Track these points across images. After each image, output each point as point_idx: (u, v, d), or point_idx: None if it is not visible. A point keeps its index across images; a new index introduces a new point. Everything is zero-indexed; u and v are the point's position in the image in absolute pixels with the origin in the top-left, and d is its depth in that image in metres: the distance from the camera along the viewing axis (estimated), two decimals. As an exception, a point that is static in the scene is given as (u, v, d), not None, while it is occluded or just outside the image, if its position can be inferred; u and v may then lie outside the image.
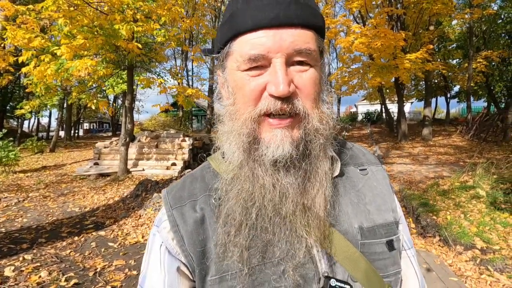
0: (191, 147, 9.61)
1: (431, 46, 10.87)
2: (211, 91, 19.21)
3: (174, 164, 9.10)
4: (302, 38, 0.50)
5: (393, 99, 20.21)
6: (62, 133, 22.74)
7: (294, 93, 0.50)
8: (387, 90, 18.36)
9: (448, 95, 20.80)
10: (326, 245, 0.53)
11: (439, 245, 3.85)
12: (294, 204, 0.52)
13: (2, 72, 8.59)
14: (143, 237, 4.33)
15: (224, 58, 0.56)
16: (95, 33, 6.48)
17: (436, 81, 18.91)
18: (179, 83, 11.10)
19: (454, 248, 3.64)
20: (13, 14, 6.66)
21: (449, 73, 17.38)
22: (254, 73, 0.51)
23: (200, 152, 9.61)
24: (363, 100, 25.72)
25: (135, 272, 3.30)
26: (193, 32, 18.72)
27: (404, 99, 14.93)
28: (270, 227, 0.52)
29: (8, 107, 21.32)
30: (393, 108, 19.51)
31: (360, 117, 29.58)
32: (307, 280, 0.51)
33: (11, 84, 16.77)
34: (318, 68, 0.54)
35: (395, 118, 16.68)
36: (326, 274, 0.52)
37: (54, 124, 25.44)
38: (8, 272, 3.17)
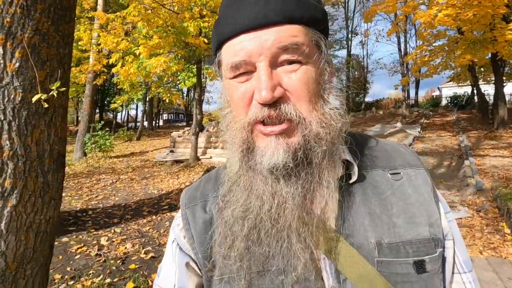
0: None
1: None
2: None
3: (238, 152, 9.50)
4: (286, 33, 0.46)
5: (488, 79, 16.95)
6: (146, 124, 25.99)
7: (283, 97, 0.46)
8: (482, 69, 15.46)
9: None
10: (334, 259, 0.48)
11: (545, 258, 3.14)
12: (293, 216, 0.47)
13: (98, 73, 10.18)
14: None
15: (218, 67, 0.54)
16: (168, 32, 7.08)
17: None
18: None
19: None
20: (105, 22, 7.75)
21: None
22: (241, 79, 0.48)
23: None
24: (449, 81, 22.22)
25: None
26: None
27: (504, 78, 12.38)
28: (265, 239, 0.49)
29: (105, 102, 25.37)
30: (488, 90, 16.38)
31: (444, 102, 25.74)
32: None
33: (107, 82, 19.73)
34: (313, 65, 0.48)
35: (490, 102, 14.00)
36: None
37: (140, 115, 29.16)
38: (103, 241, 3.82)
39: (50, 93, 1.56)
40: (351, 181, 0.52)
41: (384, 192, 0.52)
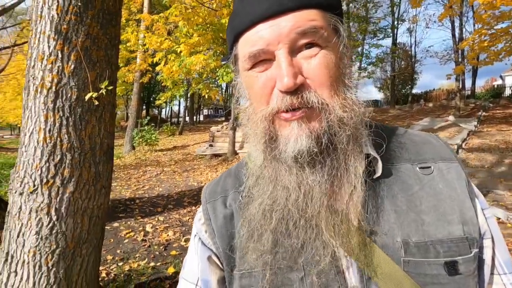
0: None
1: None
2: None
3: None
4: (303, 18, 0.45)
5: None
6: (187, 119, 27.23)
7: (304, 84, 0.45)
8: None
9: None
10: (357, 257, 0.46)
11: None
12: (320, 204, 0.46)
13: (144, 71, 10.88)
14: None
15: (234, 62, 0.54)
16: (207, 29, 7.30)
17: None
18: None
19: None
20: (150, 23, 8.23)
21: None
22: (260, 68, 0.48)
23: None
24: (514, 69, 19.64)
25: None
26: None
27: None
28: (294, 231, 0.48)
29: (151, 99, 27.07)
30: None
31: (508, 92, 22.85)
32: None
33: (152, 80, 21.00)
34: (332, 49, 0.47)
35: None
36: None
37: (182, 111, 30.62)
38: (148, 228, 4.13)
39: (100, 92, 1.72)
40: (375, 176, 0.50)
41: (412, 188, 0.49)
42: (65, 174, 1.70)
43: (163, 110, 36.03)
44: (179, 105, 33.88)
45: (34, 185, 1.66)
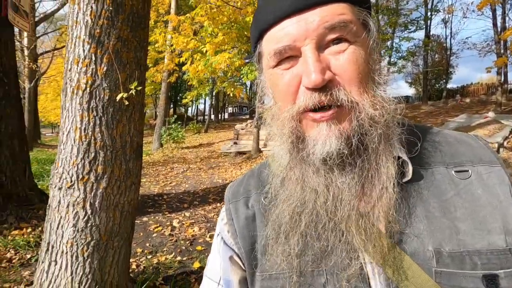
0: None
1: None
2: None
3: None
4: (332, 12, 0.43)
5: None
6: (212, 117, 27.75)
7: (332, 80, 0.43)
8: None
9: None
10: (384, 264, 0.43)
11: None
12: (350, 208, 0.44)
13: (172, 71, 11.21)
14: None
15: (258, 60, 0.53)
16: (231, 28, 7.36)
17: None
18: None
19: None
20: (177, 24, 8.45)
21: None
22: (286, 65, 0.46)
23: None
24: None
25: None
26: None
27: None
28: (323, 234, 0.46)
29: (178, 98, 27.89)
30: None
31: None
32: None
33: (179, 79, 21.60)
34: (361, 44, 0.45)
35: None
36: None
37: (207, 109, 31.26)
38: (175, 223, 4.27)
39: (130, 92, 1.79)
40: (404, 180, 0.46)
41: (446, 193, 0.46)
42: (99, 171, 1.79)
43: (189, 109, 37.03)
44: (205, 104, 34.65)
45: (71, 181, 1.77)
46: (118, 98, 1.78)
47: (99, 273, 1.85)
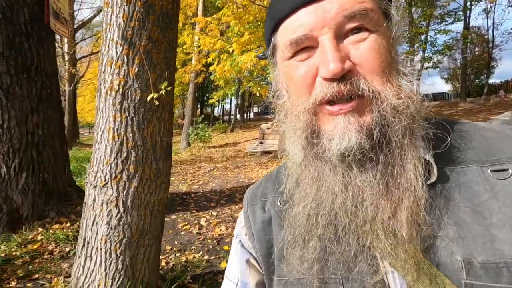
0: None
1: None
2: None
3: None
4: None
5: None
6: (238, 116, 28.01)
7: (352, 70, 0.40)
8: None
9: None
10: (407, 273, 0.39)
11: None
12: (373, 209, 0.41)
13: (199, 72, 11.43)
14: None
15: (272, 53, 0.50)
16: (257, 27, 7.34)
17: None
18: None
19: None
20: (204, 25, 8.59)
21: None
22: (302, 56, 0.44)
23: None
24: None
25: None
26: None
27: None
28: (344, 237, 0.43)
29: (205, 98, 28.47)
30: None
31: None
32: None
33: (206, 80, 22.04)
34: (382, 33, 0.42)
35: None
36: None
37: (233, 109, 31.62)
38: (202, 222, 4.32)
39: (160, 92, 1.81)
40: (429, 182, 0.42)
41: (480, 195, 0.40)
42: (130, 170, 1.83)
43: (216, 109, 37.68)
44: (231, 103, 35.08)
45: (105, 180, 1.82)
46: (148, 98, 1.80)
47: (131, 270, 1.89)
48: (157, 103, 1.82)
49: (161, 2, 1.78)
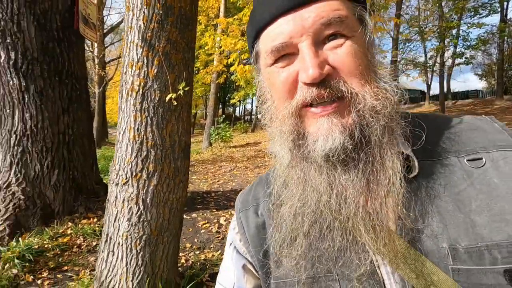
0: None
1: None
2: (394, 62, 16.97)
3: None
4: (327, 8, 0.43)
5: None
6: (259, 116, 28.06)
7: (330, 74, 0.43)
8: None
9: None
10: (398, 264, 0.41)
11: None
12: (355, 205, 0.43)
13: (220, 72, 11.57)
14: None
15: (255, 60, 0.53)
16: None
17: None
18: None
19: None
20: (225, 26, 8.68)
21: None
22: (283, 63, 0.46)
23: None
24: None
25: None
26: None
27: None
28: (329, 234, 0.45)
29: (226, 98, 28.81)
30: None
31: None
32: None
33: (227, 80, 22.29)
34: (357, 39, 0.45)
35: None
36: None
37: (254, 109, 31.75)
38: (222, 220, 4.36)
39: (178, 93, 1.84)
40: (412, 175, 0.44)
41: (459, 184, 0.43)
42: (150, 169, 1.88)
43: (237, 109, 38.01)
44: (252, 103, 35.21)
45: (126, 177, 1.88)
46: (167, 98, 1.84)
47: (150, 266, 1.94)
48: (175, 103, 1.85)
49: (180, 3, 1.81)
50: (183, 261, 3.04)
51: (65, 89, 3.70)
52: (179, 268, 2.62)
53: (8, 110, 3.36)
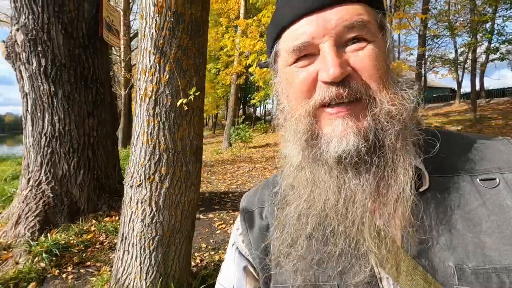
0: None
1: None
2: (420, 59, 16.21)
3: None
4: (350, 11, 0.44)
5: None
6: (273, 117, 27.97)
7: (350, 75, 0.43)
8: None
9: None
10: (400, 279, 0.40)
11: None
12: (363, 210, 0.42)
13: (240, 73, 11.66)
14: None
15: (274, 60, 0.53)
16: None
17: None
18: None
19: None
20: (245, 27, 8.73)
21: None
22: (303, 63, 0.46)
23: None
24: None
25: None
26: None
27: None
28: (332, 238, 0.45)
29: (247, 99, 28.97)
30: None
31: None
32: None
33: (247, 81, 22.41)
34: (378, 44, 0.45)
35: None
36: None
37: (274, 109, 31.72)
38: (238, 221, 4.40)
39: (189, 98, 1.88)
40: (421, 190, 0.44)
41: (470, 203, 0.42)
42: (162, 172, 1.94)
43: (257, 109, 38.11)
44: (272, 104, 35.20)
45: (140, 180, 1.95)
46: (178, 103, 1.88)
47: (163, 266, 2.00)
48: (186, 108, 1.89)
49: (190, 10, 1.85)
50: (198, 261, 3.10)
51: (90, 93, 3.90)
52: (193, 268, 2.67)
53: (39, 114, 3.60)
